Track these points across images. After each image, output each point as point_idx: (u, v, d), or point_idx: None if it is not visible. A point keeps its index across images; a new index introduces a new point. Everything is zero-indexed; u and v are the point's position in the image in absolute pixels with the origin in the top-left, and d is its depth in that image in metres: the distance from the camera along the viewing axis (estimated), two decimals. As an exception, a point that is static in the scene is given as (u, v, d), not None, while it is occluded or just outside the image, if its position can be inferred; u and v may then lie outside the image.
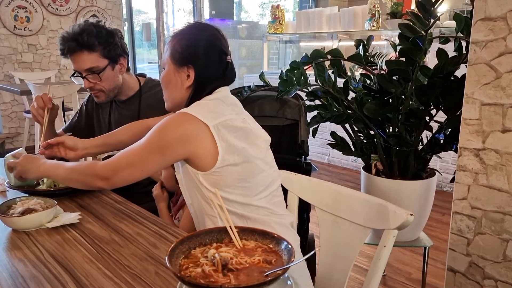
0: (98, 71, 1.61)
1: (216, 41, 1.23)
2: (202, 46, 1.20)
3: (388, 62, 1.94)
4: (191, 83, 1.22)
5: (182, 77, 1.22)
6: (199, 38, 1.22)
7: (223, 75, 1.24)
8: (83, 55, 1.59)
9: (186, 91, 1.23)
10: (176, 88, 1.24)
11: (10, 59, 4.94)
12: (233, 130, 1.17)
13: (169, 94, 1.27)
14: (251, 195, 1.19)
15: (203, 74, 1.21)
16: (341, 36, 4.61)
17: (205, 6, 6.35)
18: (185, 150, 1.13)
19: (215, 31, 1.25)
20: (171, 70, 1.23)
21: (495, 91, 1.45)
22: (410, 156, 2.01)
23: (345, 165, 4.36)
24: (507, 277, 1.52)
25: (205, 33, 1.23)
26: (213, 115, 1.15)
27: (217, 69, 1.22)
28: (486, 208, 1.54)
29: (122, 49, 1.66)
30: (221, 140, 1.14)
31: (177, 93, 1.24)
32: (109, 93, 1.68)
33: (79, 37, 1.57)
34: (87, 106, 1.85)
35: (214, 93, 1.23)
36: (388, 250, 1.06)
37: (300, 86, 2.00)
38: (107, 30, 1.63)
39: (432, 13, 1.78)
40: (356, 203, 1.18)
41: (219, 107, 1.20)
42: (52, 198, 1.28)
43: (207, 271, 0.76)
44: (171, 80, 1.24)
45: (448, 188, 3.56)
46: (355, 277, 2.25)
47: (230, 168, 1.15)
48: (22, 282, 0.93)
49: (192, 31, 1.24)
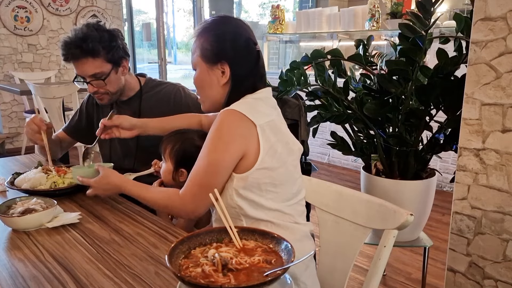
0: (103, 77, 1.60)
1: (243, 31, 1.21)
2: (231, 39, 1.18)
3: (388, 62, 1.94)
4: (228, 79, 1.18)
5: (217, 75, 1.19)
6: (225, 31, 1.19)
7: (256, 65, 1.21)
8: (88, 62, 1.57)
9: (223, 88, 1.20)
10: (212, 87, 1.21)
11: (10, 59, 4.94)
12: (277, 132, 1.15)
13: (206, 95, 1.24)
14: (281, 200, 1.17)
15: (237, 67, 1.18)
16: (341, 36, 4.61)
17: (205, 6, 6.35)
18: (242, 148, 1.11)
19: (239, 22, 1.23)
20: (204, 69, 1.20)
21: (495, 91, 1.45)
22: (410, 156, 2.01)
23: (345, 165, 4.36)
24: (507, 277, 1.52)
25: (231, 25, 1.21)
26: (259, 114, 1.13)
27: (249, 60, 1.20)
28: (486, 208, 1.54)
29: (124, 51, 1.65)
30: (265, 141, 1.12)
31: (215, 92, 1.21)
32: (112, 96, 1.67)
33: (83, 44, 1.54)
34: (87, 106, 1.85)
35: (256, 92, 1.20)
36: (388, 250, 1.06)
37: (300, 86, 2.00)
38: (109, 33, 1.61)
39: (432, 13, 1.78)
40: (356, 203, 1.18)
41: (264, 107, 1.18)
42: (52, 198, 1.28)
43: (207, 271, 0.76)
44: (206, 80, 1.21)
45: (448, 188, 3.56)
46: (355, 277, 2.25)
47: (266, 171, 1.12)
48: (22, 282, 0.93)
49: (216, 26, 1.21)
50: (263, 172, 1.12)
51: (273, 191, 1.15)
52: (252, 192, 1.13)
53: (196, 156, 1.33)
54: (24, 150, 4.70)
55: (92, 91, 1.63)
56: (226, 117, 1.12)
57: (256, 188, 1.13)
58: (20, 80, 4.87)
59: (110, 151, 1.79)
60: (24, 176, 1.47)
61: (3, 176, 1.54)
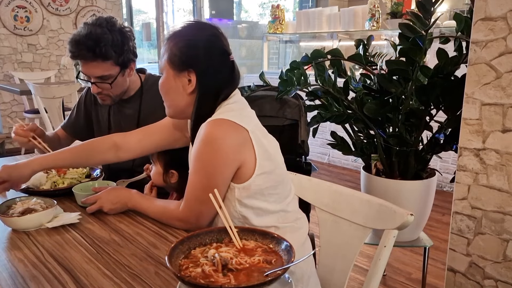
0: (110, 80, 1.57)
1: (217, 40, 1.15)
2: (202, 47, 1.12)
3: (388, 62, 1.94)
4: (194, 87, 1.14)
5: (183, 82, 1.15)
6: (197, 39, 1.13)
7: (230, 76, 1.16)
8: (97, 64, 1.53)
9: (189, 96, 1.16)
10: (177, 94, 1.17)
11: (10, 59, 4.94)
12: (264, 134, 1.13)
13: (170, 101, 1.20)
14: (282, 200, 1.16)
15: (206, 77, 1.13)
16: (341, 36, 4.61)
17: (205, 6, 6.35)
18: (240, 158, 1.07)
19: (214, 30, 1.16)
20: (171, 75, 1.16)
21: (495, 91, 1.45)
22: (410, 156, 2.01)
23: (345, 165, 4.36)
24: (507, 277, 1.52)
25: (204, 33, 1.14)
26: (247, 119, 1.10)
27: (220, 70, 1.15)
28: (486, 208, 1.54)
29: (133, 53, 1.61)
30: (259, 146, 1.09)
31: (180, 99, 1.17)
32: (115, 97, 1.65)
33: (97, 48, 1.49)
34: (85, 102, 1.80)
35: (231, 97, 1.16)
36: (388, 250, 1.06)
37: (300, 86, 2.00)
38: (122, 35, 1.56)
39: (432, 13, 1.78)
40: (356, 203, 1.18)
41: (245, 109, 1.16)
42: (52, 198, 1.28)
43: (207, 271, 0.76)
44: (171, 86, 1.16)
45: (448, 188, 3.56)
46: (355, 277, 2.25)
47: (266, 176, 1.10)
48: (22, 282, 0.92)
49: (190, 31, 1.16)
50: (263, 177, 1.10)
51: (274, 193, 1.14)
52: (257, 199, 1.11)
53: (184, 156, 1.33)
54: (24, 150, 4.70)
55: (96, 91, 1.60)
56: (217, 127, 1.07)
57: (260, 194, 1.11)
58: (20, 80, 4.87)
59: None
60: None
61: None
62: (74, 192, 1.36)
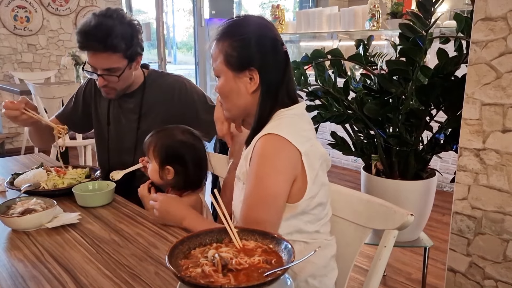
0: (117, 73, 1.54)
1: (267, 31, 1.11)
2: (256, 43, 1.08)
3: (388, 62, 1.94)
4: (257, 85, 1.09)
5: (244, 82, 1.10)
6: (250, 35, 1.08)
7: (286, 67, 1.11)
8: (107, 55, 1.50)
9: (252, 95, 1.10)
10: (240, 96, 1.11)
11: (10, 59, 4.94)
12: (318, 156, 1.08)
13: (232, 104, 1.14)
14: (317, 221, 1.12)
15: (267, 71, 1.09)
16: (341, 36, 4.61)
17: (205, 6, 6.35)
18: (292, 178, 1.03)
19: (261, 20, 1.13)
20: (230, 77, 1.10)
21: (495, 91, 1.45)
22: (410, 156, 2.01)
23: (345, 165, 4.36)
24: (507, 277, 1.52)
25: (253, 27, 1.10)
26: (303, 138, 1.05)
27: (278, 61, 1.10)
28: (486, 208, 1.54)
29: (140, 46, 1.59)
30: (311, 170, 1.04)
31: (242, 101, 1.12)
32: (120, 91, 1.63)
33: (108, 40, 1.46)
34: (85, 93, 1.77)
35: (292, 108, 1.11)
36: (388, 250, 1.06)
37: (300, 86, 2.01)
38: (131, 26, 1.54)
39: (432, 13, 1.78)
40: (356, 203, 1.18)
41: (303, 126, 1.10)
42: (52, 198, 1.28)
43: (207, 271, 0.76)
44: (232, 88, 1.11)
45: (448, 188, 3.56)
46: (355, 277, 2.25)
47: (312, 199, 1.07)
48: (22, 282, 0.92)
49: (239, 29, 1.11)
50: (309, 201, 1.07)
51: (311, 213, 1.10)
52: (296, 218, 1.09)
53: (180, 150, 1.31)
54: (24, 150, 4.70)
55: (102, 84, 1.57)
56: (271, 143, 1.03)
57: (301, 215, 1.09)
58: (20, 80, 4.86)
59: (108, 147, 1.74)
60: (23, 177, 1.46)
61: (2, 176, 1.54)
62: (74, 192, 1.36)
